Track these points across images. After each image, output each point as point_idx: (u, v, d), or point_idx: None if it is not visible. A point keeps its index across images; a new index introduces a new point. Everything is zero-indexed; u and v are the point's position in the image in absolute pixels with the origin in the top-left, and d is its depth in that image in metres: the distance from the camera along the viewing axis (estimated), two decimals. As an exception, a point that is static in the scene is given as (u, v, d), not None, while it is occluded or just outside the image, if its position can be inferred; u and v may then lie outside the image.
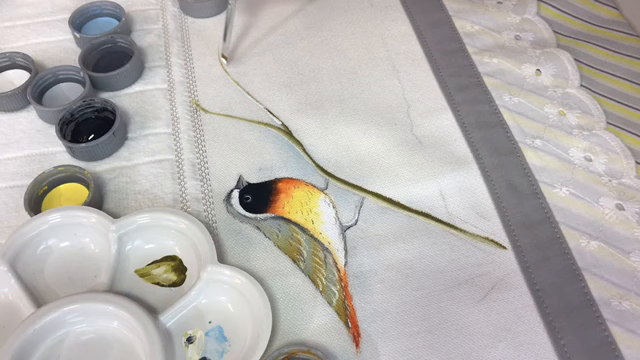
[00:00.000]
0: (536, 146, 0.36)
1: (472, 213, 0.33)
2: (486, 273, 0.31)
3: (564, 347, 0.28)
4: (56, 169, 0.34)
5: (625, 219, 0.33)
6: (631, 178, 0.34)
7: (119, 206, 0.34)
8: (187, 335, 0.29)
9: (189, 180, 0.35)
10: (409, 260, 0.31)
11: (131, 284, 0.30)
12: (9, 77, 0.39)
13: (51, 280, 0.30)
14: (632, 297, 0.30)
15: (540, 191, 0.34)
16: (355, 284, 0.31)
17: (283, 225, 0.33)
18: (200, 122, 0.38)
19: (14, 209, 0.33)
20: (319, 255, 0.32)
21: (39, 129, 0.37)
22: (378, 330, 0.29)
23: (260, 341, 0.27)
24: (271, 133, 0.37)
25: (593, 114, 0.38)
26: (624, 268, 0.31)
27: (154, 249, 0.31)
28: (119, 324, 0.28)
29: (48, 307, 0.27)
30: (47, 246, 0.31)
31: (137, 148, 0.36)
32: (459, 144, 0.36)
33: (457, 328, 0.29)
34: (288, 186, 0.34)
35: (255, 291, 0.28)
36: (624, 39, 0.42)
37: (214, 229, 0.33)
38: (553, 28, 0.43)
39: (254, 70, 0.41)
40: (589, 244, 0.32)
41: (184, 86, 0.40)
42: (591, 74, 0.40)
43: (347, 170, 0.35)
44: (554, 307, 0.30)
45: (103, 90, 0.39)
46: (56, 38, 0.43)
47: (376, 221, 0.33)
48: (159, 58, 0.41)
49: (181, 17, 0.44)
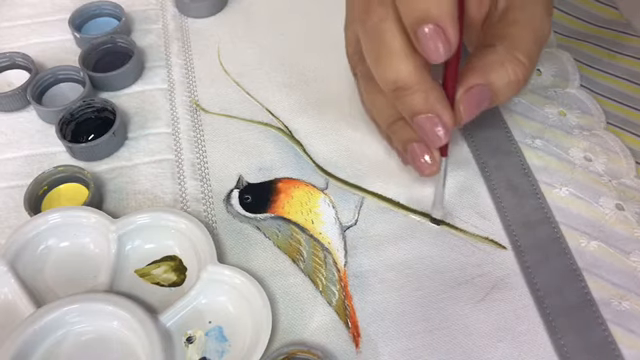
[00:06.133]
0: (536, 146, 0.36)
1: (472, 213, 0.33)
2: (486, 273, 0.31)
3: (564, 347, 0.28)
4: (56, 169, 0.34)
5: (625, 219, 0.33)
6: (631, 178, 0.34)
7: (119, 206, 0.34)
8: (187, 335, 0.29)
9: (189, 180, 0.35)
10: (409, 260, 0.31)
11: (131, 284, 0.30)
12: (9, 77, 0.39)
13: (51, 280, 0.30)
14: (632, 297, 0.30)
15: (540, 191, 0.34)
16: (355, 284, 0.31)
17: (283, 225, 0.33)
18: (200, 122, 0.38)
19: (14, 209, 0.33)
20: (319, 255, 0.32)
21: (39, 129, 0.37)
22: (378, 330, 0.29)
23: (260, 341, 0.27)
24: (271, 133, 0.37)
25: (593, 114, 0.38)
26: (624, 268, 0.31)
27: (154, 249, 0.31)
28: (119, 324, 0.28)
29: (48, 307, 0.27)
30: (47, 246, 0.31)
31: (137, 148, 0.36)
32: (459, 144, 0.36)
33: (457, 328, 0.29)
34: (288, 186, 0.34)
35: (255, 291, 0.28)
36: (624, 39, 0.42)
37: (214, 229, 0.33)
38: (553, 28, 0.43)
39: (254, 70, 0.41)
40: (589, 244, 0.32)
41: (184, 86, 0.40)
42: (591, 74, 0.40)
43: (347, 170, 0.35)
44: (554, 307, 0.30)
45: (103, 90, 0.39)
46: (56, 38, 0.43)
47: (376, 221, 0.33)
48: (159, 58, 0.41)
49: (181, 17, 0.44)
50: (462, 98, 0.28)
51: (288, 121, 0.38)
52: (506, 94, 0.29)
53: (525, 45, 0.28)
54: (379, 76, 0.28)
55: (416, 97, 0.27)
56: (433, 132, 0.28)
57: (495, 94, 0.28)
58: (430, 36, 0.24)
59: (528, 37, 0.29)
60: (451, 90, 0.28)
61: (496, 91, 0.28)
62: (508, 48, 0.28)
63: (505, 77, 0.28)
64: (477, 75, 0.28)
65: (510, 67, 0.28)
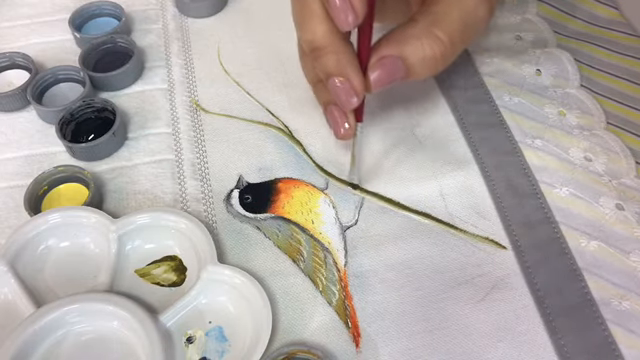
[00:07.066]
0: (536, 146, 0.36)
1: (472, 213, 0.33)
2: (486, 273, 0.31)
3: (564, 347, 0.28)
4: (56, 169, 0.34)
5: (625, 219, 0.33)
6: (631, 178, 0.34)
7: (119, 206, 0.34)
8: (187, 335, 0.29)
9: (189, 180, 0.35)
10: (409, 260, 0.31)
11: (131, 284, 0.30)
12: (9, 77, 0.39)
13: (51, 280, 0.30)
14: (632, 297, 0.30)
15: (540, 191, 0.34)
16: (355, 284, 0.31)
17: (283, 225, 0.33)
18: (200, 122, 0.38)
19: (14, 209, 0.33)
20: (319, 255, 0.32)
21: (39, 129, 0.37)
22: (378, 330, 0.29)
23: (260, 341, 0.27)
24: (271, 133, 0.37)
25: (593, 114, 0.38)
26: (624, 268, 0.31)
27: (154, 249, 0.31)
28: (119, 324, 0.28)
29: (48, 307, 0.27)
30: (47, 246, 0.31)
31: (137, 148, 0.36)
32: (459, 144, 0.36)
33: (457, 328, 0.29)
34: (288, 186, 0.34)
35: (255, 291, 0.28)
36: (624, 39, 0.42)
37: (214, 229, 0.33)
38: (553, 28, 0.43)
39: (254, 70, 0.41)
40: (589, 244, 0.32)
41: (184, 86, 0.40)
42: (591, 74, 0.40)
43: (347, 170, 0.35)
44: (554, 307, 0.30)
45: (103, 90, 0.39)
46: (56, 38, 0.43)
47: (376, 221, 0.33)
48: (159, 58, 0.41)
49: (181, 17, 0.44)
50: (373, 66, 0.28)
51: (288, 121, 0.38)
52: (421, 70, 0.29)
53: (448, 24, 0.29)
54: (300, 36, 0.30)
55: (329, 58, 0.28)
56: (344, 96, 0.28)
57: (409, 68, 0.29)
58: (339, 5, 0.26)
59: (453, 16, 0.29)
60: (364, 58, 0.28)
61: (410, 65, 0.29)
62: (429, 24, 0.29)
63: (420, 52, 0.28)
64: (392, 46, 0.28)
65: (427, 43, 0.28)
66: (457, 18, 0.29)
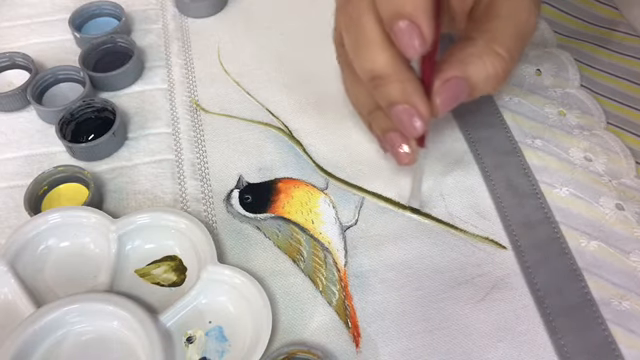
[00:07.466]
0: (536, 146, 0.36)
1: (472, 213, 0.33)
2: (486, 273, 0.31)
3: (564, 347, 0.28)
4: (56, 169, 0.34)
5: (625, 219, 0.33)
6: (631, 178, 0.34)
7: (119, 206, 0.34)
8: (187, 335, 0.29)
9: (189, 180, 0.35)
10: (409, 260, 0.31)
11: (131, 284, 0.30)
12: (9, 77, 0.39)
13: (51, 280, 0.30)
14: (632, 297, 0.30)
15: (540, 191, 0.34)
16: (355, 284, 0.31)
17: (283, 225, 0.33)
18: (200, 122, 0.38)
19: (14, 209, 0.33)
20: (319, 255, 0.32)
21: (39, 129, 0.37)
22: (378, 330, 0.29)
23: (260, 341, 0.27)
24: (271, 133, 0.37)
25: (593, 114, 0.38)
26: (624, 268, 0.31)
27: (154, 249, 0.31)
28: (119, 324, 0.28)
29: (48, 307, 0.27)
30: (47, 246, 0.31)
31: (137, 148, 0.36)
32: (459, 144, 0.36)
33: (457, 328, 0.29)
34: (288, 186, 0.34)
35: (255, 291, 0.28)
36: (624, 39, 0.42)
37: (214, 229, 0.33)
38: (553, 28, 0.43)
39: (254, 70, 0.41)
40: (589, 244, 0.32)
41: (184, 86, 0.40)
42: (591, 74, 0.40)
43: (347, 170, 0.35)
44: (554, 307, 0.30)
45: (103, 90, 0.39)
46: (56, 38, 0.43)
47: (376, 221, 0.33)
48: (159, 58, 0.41)
49: (181, 17, 0.44)
50: (439, 90, 0.28)
51: (288, 121, 0.38)
52: (484, 88, 0.29)
53: (506, 39, 0.28)
54: (357, 65, 0.28)
55: (393, 87, 0.27)
56: (409, 123, 0.28)
57: (473, 87, 0.28)
58: (405, 31, 0.25)
59: (510, 31, 0.28)
60: (428, 82, 0.28)
61: (474, 84, 0.28)
62: (488, 41, 0.28)
63: (483, 71, 0.28)
64: (455, 67, 0.28)
65: (489, 61, 0.28)
66: (514, 32, 0.28)
